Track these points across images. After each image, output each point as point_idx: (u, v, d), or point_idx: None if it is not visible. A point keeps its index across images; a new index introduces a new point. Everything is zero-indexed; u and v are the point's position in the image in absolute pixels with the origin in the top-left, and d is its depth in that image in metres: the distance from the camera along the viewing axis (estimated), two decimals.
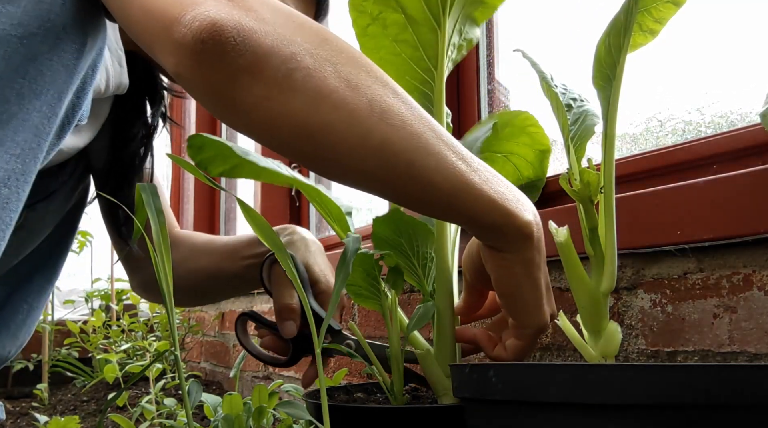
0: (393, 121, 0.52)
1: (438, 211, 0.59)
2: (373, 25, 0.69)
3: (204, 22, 0.47)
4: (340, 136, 0.51)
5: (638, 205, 0.70)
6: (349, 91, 0.51)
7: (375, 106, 0.52)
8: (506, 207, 0.57)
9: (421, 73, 0.70)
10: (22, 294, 0.82)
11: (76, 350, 1.99)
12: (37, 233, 0.79)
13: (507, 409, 0.44)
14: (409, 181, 0.54)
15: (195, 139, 0.65)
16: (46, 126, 0.54)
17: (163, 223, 0.55)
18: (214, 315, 1.97)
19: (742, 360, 0.62)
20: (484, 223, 0.57)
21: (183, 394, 0.58)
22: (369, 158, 0.52)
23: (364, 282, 0.70)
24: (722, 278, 0.64)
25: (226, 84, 0.48)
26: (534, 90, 0.71)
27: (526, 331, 0.62)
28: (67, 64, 0.54)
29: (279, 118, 0.50)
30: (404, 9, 0.67)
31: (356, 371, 1.19)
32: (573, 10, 1.08)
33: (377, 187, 0.56)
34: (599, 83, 0.61)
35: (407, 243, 0.68)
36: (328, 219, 0.74)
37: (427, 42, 0.68)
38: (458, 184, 0.55)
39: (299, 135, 0.50)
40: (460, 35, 0.71)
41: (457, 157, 0.55)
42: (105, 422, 1.33)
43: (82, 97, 0.58)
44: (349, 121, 0.51)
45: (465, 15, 0.70)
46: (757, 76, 0.83)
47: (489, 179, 0.57)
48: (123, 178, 0.86)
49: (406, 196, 0.56)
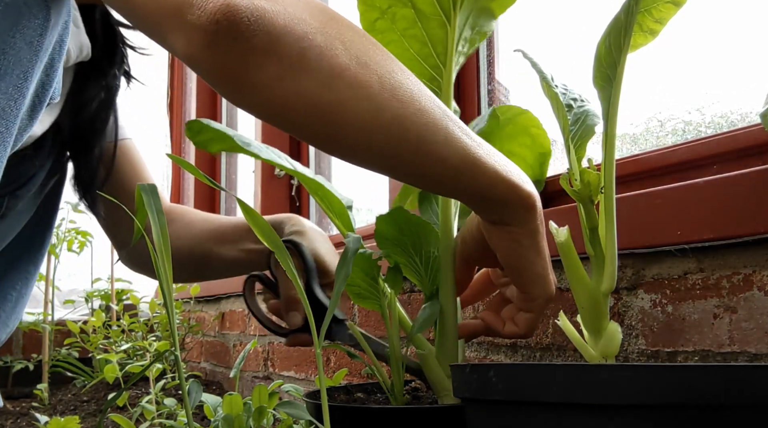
0: (402, 96, 0.53)
1: (446, 186, 0.59)
2: (382, 20, 0.68)
3: (218, 3, 0.47)
4: (352, 113, 0.51)
5: (638, 205, 0.70)
6: (360, 68, 0.51)
7: (385, 82, 0.52)
8: (511, 179, 0.57)
9: (429, 70, 0.70)
10: (11, 282, 0.81)
11: (76, 350, 1.99)
12: (20, 218, 0.78)
13: (507, 409, 0.44)
14: (419, 156, 0.54)
15: (194, 124, 0.65)
16: (13, 108, 0.52)
17: (163, 224, 0.55)
18: (214, 315, 1.97)
19: (742, 360, 0.62)
20: (491, 197, 0.58)
21: (183, 394, 0.58)
22: (380, 134, 0.52)
23: (363, 282, 0.70)
24: (722, 278, 0.64)
25: (240, 65, 0.48)
26: (534, 90, 0.71)
27: (536, 302, 0.62)
28: (31, 41, 0.52)
29: (293, 98, 0.50)
30: (414, 4, 0.67)
31: (356, 371, 1.19)
32: (573, 10, 1.08)
33: (388, 164, 0.56)
34: (599, 83, 0.61)
35: (411, 242, 0.68)
36: (329, 213, 0.74)
37: (436, 38, 0.68)
38: (466, 158, 0.55)
39: (312, 114, 0.50)
40: (472, 29, 0.70)
41: (461, 131, 0.56)
42: (105, 422, 1.33)
43: (51, 75, 0.56)
44: (361, 99, 0.51)
45: (479, 8, 0.69)
46: (757, 76, 0.83)
47: (492, 153, 0.58)
48: (83, 142, 0.82)
49: (415, 171, 0.56)
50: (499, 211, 0.59)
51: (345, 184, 1.79)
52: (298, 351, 1.42)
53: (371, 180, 1.57)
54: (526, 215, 0.59)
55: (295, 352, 1.44)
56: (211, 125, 0.65)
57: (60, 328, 2.06)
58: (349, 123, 0.51)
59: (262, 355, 1.62)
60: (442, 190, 0.62)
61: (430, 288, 0.70)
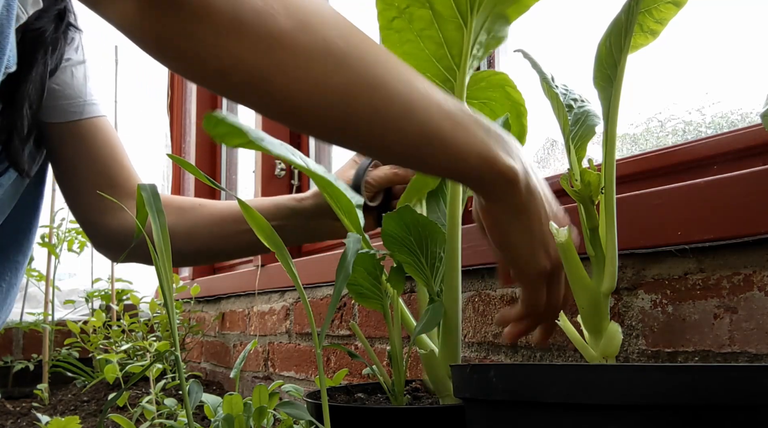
0: (353, 63, 0.49)
1: (411, 160, 0.56)
2: (399, 19, 0.68)
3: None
4: (294, 80, 0.48)
5: (639, 205, 0.70)
6: (303, 32, 0.48)
7: (332, 47, 0.49)
8: (486, 153, 0.54)
9: (443, 71, 0.69)
10: (0, 273, 0.81)
11: (77, 350, 1.99)
12: (2, 209, 0.77)
13: (507, 410, 0.44)
14: (373, 128, 0.51)
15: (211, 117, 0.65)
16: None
17: (164, 224, 0.54)
18: (214, 315, 1.97)
19: (742, 360, 0.62)
20: (463, 171, 0.55)
21: (183, 394, 0.58)
22: (328, 104, 0.49)
23: (365, 281, 0.70)
24: (723, 278, 0.64)
25: (174, 32, 0.47)
26: (535, 90, 0.71)
27: (524, 279, 0.60)
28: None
29: (228, 64, 0.47)
30: (432, 5, 0.66)
31: (357, 371, 1.19)
32: (574, 10, 1.08)
33: (341, 136, 0.53)
34: (600, 83, 0.61)
35: (417, 241, 0.68)
36: (337, 210, 0.74)
37: (452, 40, 0.68)
38: (427, 131, 0.52)
39: (249, 81, 0.48)
40: (488, 33, 0.70)
41: (427, 101, 0.52)
42: (105, 422, 1.33)
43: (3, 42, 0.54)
44: (303, 65, 0.48)
45: (496, 13, 0.69)
46: (757, 76, 0.83)
47: (464, 124, 0.54)
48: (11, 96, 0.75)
49: (370, 144, 0.53)
50: (476, 186, 0.57)
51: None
52: (299, 351, 1.42)
53: None
54: (506, 190, 0.56)
55: (295, 352, 1.44)
56: (226, 120, 0.65)
57: (60, 328, 2.06)
58: (292, 91, 0.48)
59: (262, 355, 1.62)
60: (408, 163, 0.59)
61: (434, 289, 0.70)
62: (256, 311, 1.66)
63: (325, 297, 1.32)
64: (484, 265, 0.91)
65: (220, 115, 0.65)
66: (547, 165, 1.11)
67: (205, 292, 2.02)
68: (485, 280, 0.93)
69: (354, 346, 1.21)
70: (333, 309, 0.57)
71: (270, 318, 1.58)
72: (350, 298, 1.25)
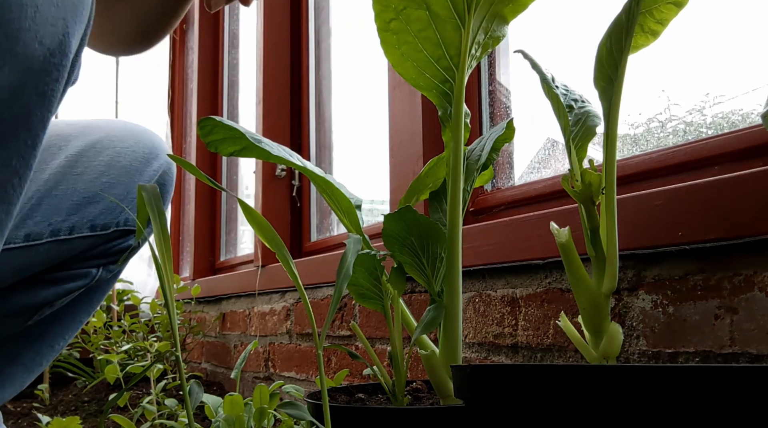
0: None
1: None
2: (397, 20, 0.68)
3: None
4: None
5: (639, 206, 0.70)
6: None
7: None
8: None
9: (442, 72, 0.69)
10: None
11: (77, 350, 1.99)
12: None
13: (508, 410, 0.44)
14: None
15: (207, 121, 0.64)
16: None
17: (164, 224, 0.55)
18: (215, 316, 1.98)
19: (743, 361, 0.62)
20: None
21: (184, 395, 0.58)
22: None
23: (366, 282, 0.70)
24: (723, 279, 0.64)
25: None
26: (535, 90, 0.71)
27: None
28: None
29: None
30: (429, 6, 0.66)
31: (357, 372, 1.19)
32: (574, 10, 1.08)
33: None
34: (601, 84, 0.61)
35: (418, 241, 0.68)
36: (337, 211, 0.74)
37: (449, 40, 0.68)
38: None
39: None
40: (486, 33, 0.70)
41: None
42: (106, 422, 1.33)
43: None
44: None
45: (493, 13, 0.69)
46: (758, 76, 0.83)
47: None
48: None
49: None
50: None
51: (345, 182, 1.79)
52: (299, 351, 1.42)
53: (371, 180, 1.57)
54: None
55: (296, 353, 1.44)
56: (223, 123, 0.64)
57: None
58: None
59: (263, 356, 1.62)
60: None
61: (435, 289, 0.70)
62: (256, 311, 1.66)
63: (326, 298, 1.32)
64: (485, 266, 0.91)
65: (215, 119, 0.64)
66: (548, 165, 1.11)
67: (205, 293, 2.02)
68: (486, 281, 0.93)
69: (355, 347, 1.21)
70: (334, 309, 0.57)
71: (271, 318, 1.58)
72: (351, 299, 1.25)
